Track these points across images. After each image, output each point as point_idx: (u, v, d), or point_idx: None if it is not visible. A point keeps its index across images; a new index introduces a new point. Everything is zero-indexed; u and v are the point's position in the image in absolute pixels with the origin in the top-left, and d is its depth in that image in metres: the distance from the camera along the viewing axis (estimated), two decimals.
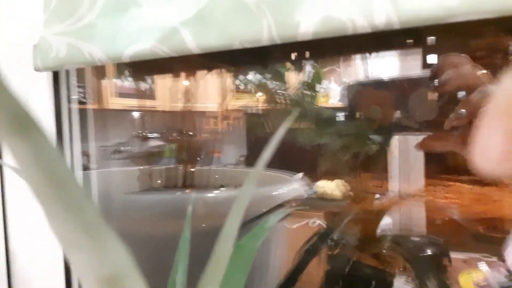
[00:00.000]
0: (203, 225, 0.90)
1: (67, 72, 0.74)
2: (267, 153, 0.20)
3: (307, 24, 0.41)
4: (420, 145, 0.45)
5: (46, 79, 0.71)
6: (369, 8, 0.39)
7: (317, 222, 1.23)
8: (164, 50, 0.48)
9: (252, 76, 1.41)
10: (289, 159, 1.32)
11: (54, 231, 0.15)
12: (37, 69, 0.62)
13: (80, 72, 0.92)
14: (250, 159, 1.97)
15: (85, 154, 1.00)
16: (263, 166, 0.20)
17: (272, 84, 1.19)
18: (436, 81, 0.41)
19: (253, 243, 0.33)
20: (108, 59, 0.54)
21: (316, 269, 0.87)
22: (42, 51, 0.61)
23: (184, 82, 1.84)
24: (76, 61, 0.57)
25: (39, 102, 0.72)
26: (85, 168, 1.06)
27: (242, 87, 1.99)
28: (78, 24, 0.56)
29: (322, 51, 0.84)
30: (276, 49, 0.71)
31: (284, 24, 0.42)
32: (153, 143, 1.92)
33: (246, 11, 0.43)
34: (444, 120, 0.41)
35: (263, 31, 0.43)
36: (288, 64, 1.15)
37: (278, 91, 1.13)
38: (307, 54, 0.79)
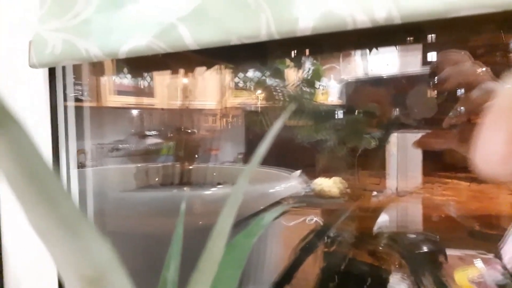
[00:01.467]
0: (200, 222, 0.90)
1: (64, 69, 0.73)
2: (262, 149, 0.20)
3: (307, 19, 0.41)
4: (418, 143, 0.45)
5: (42, 76, 0.70)
6: (370, 3, 0.39)
7: (314, 219, 1.23)
8: (161, 46, 0.48)
9: (251, 73, 1.41)
10: (287, 156, 1.32)
11: (34, 228, 0.15)
12: (32, 66, 0.62)
13: (77, 70, 0.92)
14: (248, 157, 1.96)
15: (82, 151, 1.00)
16: (258, 162, 0.20)
17: (271, 81, 1.19)
18: (435, 78, 0.41)
19: (248, 240, 0.32)
20: (104, 55, 0.53)
21: (312, 266, 0.87)
22: (37, 47, 0.60)
23: (182, 79, 1.83)
24: (72, 58, 0.57)
25: (34, 99, 0.72)
26: (82, 165, 1.05)
27: (241, 84, 1.99)
28: (74, 20, 0.56)
29: (321, 48, 0.84)
30: (275, 46, 0.71)
31: (283, 20, 0.42)
32: (151, 140, 1.92)
33: (244, 6, 0.43)
34: (442, 117, 0.41)
35: (261, 26, 0.43)
36: (288, 61, 1.15)
37: (277, 88, 1.13)
38: (307, 50, 0.79)
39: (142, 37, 0.49)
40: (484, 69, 0.39)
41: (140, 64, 1.15)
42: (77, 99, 0.92)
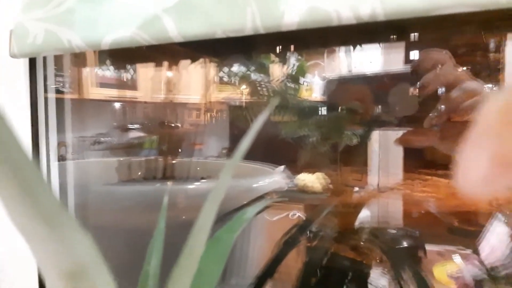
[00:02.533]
0: (183, 217, 0.89)
1: (44, 60, 0.72)
2: (246, 142, 0.20)
3: (292, 14, 0.41)
4: (400, 140, 0.46)
5: (22, 66, 0.69)
6: None
7: (297, 214, 1.24)
8: (145, 37, 0.47)
9: (236, 68, 1.41)
10: (271, 152, 1.32)
11: (12, 220, 0.15)
12: (13, 56, 0.60)
13: (59, 61, 0.90)
14: (233, 152, 1.96)
15: (63, 144, 0.98)
16: (241, 156, 0.20)
17: (255, 76, 1.19)
18: (418, 82, 0.42)
19: (230, 235, 0.32)
20: (87, 46, 0.52)
21: (295, 261, 0.88)
22: (18, 37, 0.59)
23: (166, 73, 1.82)
24: (53, 48, 0.56)
25: (14, 90, 0.70)
26: (63, 159, 1.04)
27: (225, 79, 1.98)
28: (57, 9, 0.55)
29: (306, 44, 0.84)
30: (260, 40, 0.71)
31: (269, 14, 0.42)
32: (134, 134, 1.90)
33: None
34: (423, 116, 0.42)
35: (247, 20, 0.42)
36: (272, 56, 1.15)
37: (262, 83, 1.13)
38: (292, 46, 0.79)
39: (126, 28, 0.48)
40: (464, 68, 0.40)
41: (123, 56, 1.14)
42: (58, 91, 0.91)
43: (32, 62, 0.69)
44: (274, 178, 1.29)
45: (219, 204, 0.21)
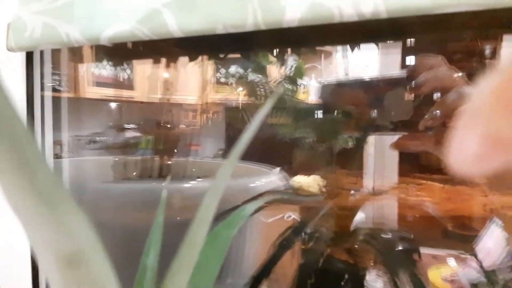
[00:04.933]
0: (178, 216, 0.89)
1: (42, 57, 0.71)
2: (245, 138, 0.19)
3: (294, 10, 0.41)
4: (395, 145, 0.46)
5: (19, 61, 0.68)
6: None
7: (292, 216, 1.23)
8: (145, 32, 0.47)
9: (233, 69, 1.41)
10: (267, 153, 1.32)
11: (7, 199, 0.14)
12: (10, 49, 0.60)
13: (55, 59, 0.89)
14: (228, 153, 1.95)
15: (58, 143, 0.98)
16: (240, 153, 0.20)
17: (253, 77, 1.19)
18: (412, 82, 0.42)
19: (229, 230, 0.32)
20: (85, 40, 0.52)
21: (290, 263, 0.88)
22: (16, 30, 0.58)
23: (163, 73, 1.81)
24: (51, 42, 0.55)
25: (11, 85, 0.70)
26: (58, 157, 1.03)
27: (222, 80, 1.98)
28: (55, 2, 0.54)
29: (304, 43, 0.84)
30: (259, 40, 0.71)
31: (270, 9, 0.42)
32: (130, 134, 1.89)
33: None
34: (419, 120, 0.42)
35: (248, 15, 0.42)
36: (270, 57, 1.15)
37: (259, 84, 1.13)
38: (290, 46, 0.79)
39: (126, 22, 0.48)
40: (459, 74, 0.40)
41: (120, 54, 1.13)
42: (54, 89, 0.90)
43: (29, 58, 0.68)
44: (271, 178, 1.29)
45: (219, 197, 0.20)
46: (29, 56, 0.68)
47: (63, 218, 0.14)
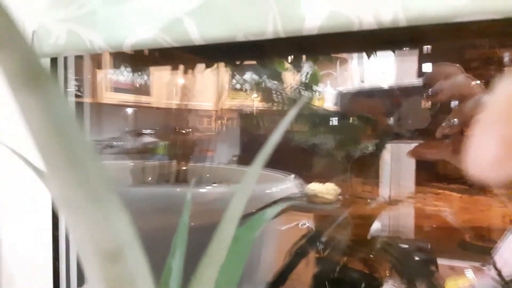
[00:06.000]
0: (195, 219, 0.89)
1: (65, 64, 0.73)
2: (270, 144, 0.20)
3: (313, 18, 0.42)
4: (412, 153, 0.45)
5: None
6: (377, 4, 0.39)
7: (307, 224, 1.23)
8: (167, 40, 0.48)
9: (249, 76, 1.41)
10: (282, 160, 1.32)
11: (54, 193, 0.14)
12: None
13: (76, 66, 0.91)
14: (243, 159, 1.96)
15: None
16: (266, 158, 0.20)
17: (269, 83, 1.20)
18: (429, 90, 0.41)
19: (250, 233, 0.32)
20: (109, 47, 0.53)
21: (305, 271, 0.87)
22: (41, 37, 0.60)
23: (180, 79, 1.83)
24: (75, 48, 0.57)
25: None
26: None
27: (238, 86, 1.99)
28: (79, 10, 0.56)
29: (321, 50, 0.85)
30: (276, 46, 0.71)
31: (290, 18, 0.42)
32: (146, 139, 1.91)
33: (252, 2, 0.43)
34: (436, 128, 0.42)
35: (268, 23, 0.43)
36: (286, 64, 1.16)
37: (275, 90, 1.13)
38: (306, 53, 0.79)
39: (148, 30, 0.49)
40: (476, 82, 0.40)
41: (138, 61, 1.15)
42: (74, 95, 0.92)
43: (53, 64, 0.70)
44: (286, 185, 1.29)
45: (247, 199, 0.20)
46: (53, 62, 0.70)
47: (106, 211, 0.15)
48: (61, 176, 0.13)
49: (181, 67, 1.19)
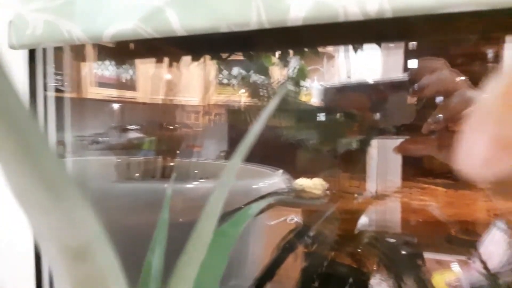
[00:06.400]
0: (180, 219, 0.88)
1: (44, 56, 0.71)
2: (249, 139, 0.19)
3: (298, 8, 0.40)
4: (398, 149, 0.45)
5: (22, 59, 0.67)
6: None
7: (295, 219, 1.23)
8: (148, 30, 0.46)
9: (236, 70, 1.40)
10: (270, 155, 1.32)
11: (11, 187, 0.13)
12: (11, 47, 0.59)
13: (58, 59, 0.89)
14: (231, 155, 1.95)
15: (61, 143, 0.97)
16: (246, 152, 0.19)
17: (256, 78, 1.19)
18: (414, 85, 0.41)
19: (234, 229, 0.32)
20: (87, 38, 0.51)
21: (293, 266, 0.87)
22: (17, 28, 0.58)
23: (166, 74, 1.81)
24: (53, 39, 0.55)
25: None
26: (61, 157, 1.02)
27: (225, 81, 1.97)
28: (56, 0, 0.54)
29: (307, 43, 0.84)
30: (262, 40, 0.70)
31: (274, 8, 0.41)
32: (132, 135, 1.89)
33: None
34: (421, 124, 0.41)
35: (252, 14, 0.42)
36: (273, 59, 1.15)
37: (262, 85, 1.12)
38: (293, 46, 0.78)
39: (128, 20, 0.47)
40: (462, 77, 0.40)
41: (122, 54, 1.13)
42: (57, 90, 0.90)
43: (32, 57, 0.68)
44: (274, 180, 1.28)
45: (226, 195, 0.20)
46: (32, 55, 0.68)
47: (68, 208, 0.14)
48: (15, 169, 0.12)
49: (167, 61, 1.17)
